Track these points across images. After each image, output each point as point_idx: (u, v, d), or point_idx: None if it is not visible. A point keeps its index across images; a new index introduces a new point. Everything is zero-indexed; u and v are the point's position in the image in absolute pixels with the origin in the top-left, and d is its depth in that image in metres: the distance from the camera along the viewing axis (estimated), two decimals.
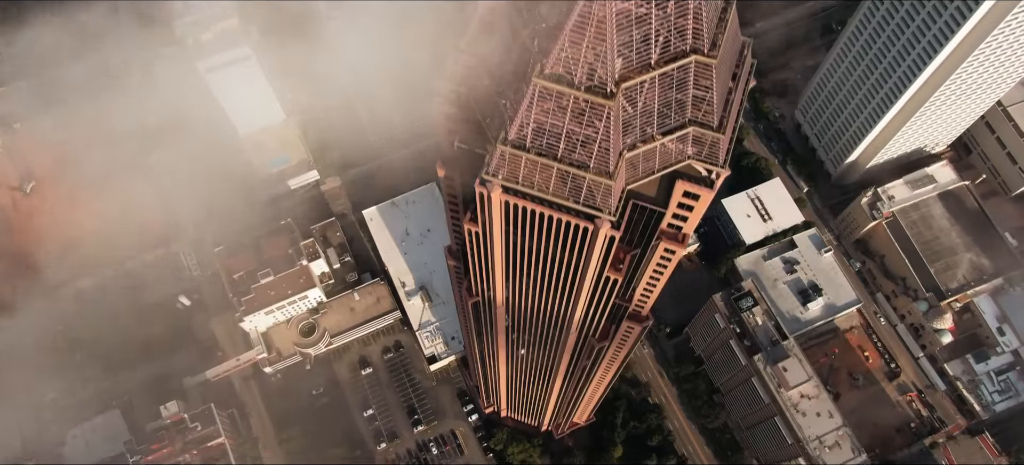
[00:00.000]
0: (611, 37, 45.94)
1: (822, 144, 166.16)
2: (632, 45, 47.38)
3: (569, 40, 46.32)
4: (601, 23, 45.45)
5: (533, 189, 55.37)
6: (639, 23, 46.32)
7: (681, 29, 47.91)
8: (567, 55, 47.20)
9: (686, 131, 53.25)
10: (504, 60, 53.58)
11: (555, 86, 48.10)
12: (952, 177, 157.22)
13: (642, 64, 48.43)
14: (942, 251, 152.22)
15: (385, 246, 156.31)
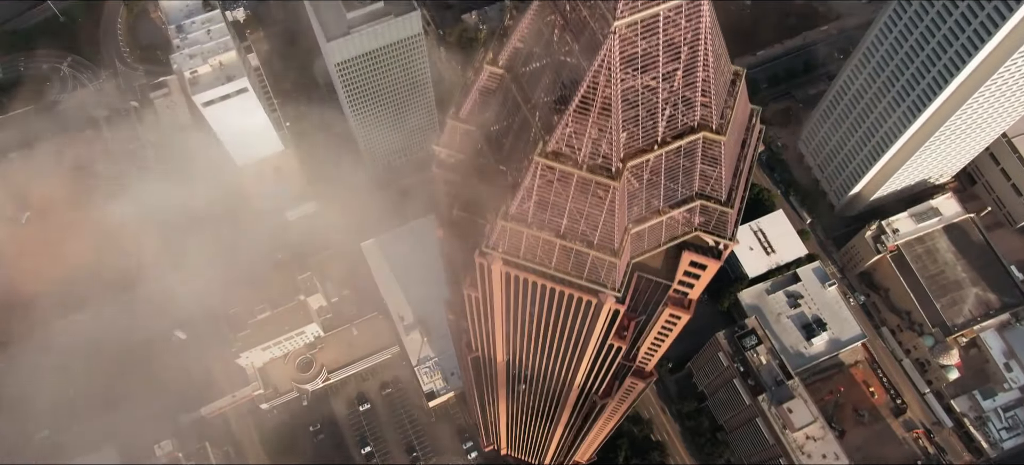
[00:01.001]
0: (617, 115, 44.25)
1: (825, 175, 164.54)
2: (638, 121, 45.69)
3: (573, 118, 44.65)
4: (606, 101, 43.79)
5: (535, 263, 53.57)
6: (646, 99, 44.64)
7: (689, 103, 46.24)
8: (570, 132, 45.52)
9: (694, 205, 51.54)
10: (505, 130, 51.97)
11: (558, 165, 46.38)
12: (957, 209, 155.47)
13: (648, 142, 46.74)
14: (948, 285, 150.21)
15: (383, 279, 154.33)
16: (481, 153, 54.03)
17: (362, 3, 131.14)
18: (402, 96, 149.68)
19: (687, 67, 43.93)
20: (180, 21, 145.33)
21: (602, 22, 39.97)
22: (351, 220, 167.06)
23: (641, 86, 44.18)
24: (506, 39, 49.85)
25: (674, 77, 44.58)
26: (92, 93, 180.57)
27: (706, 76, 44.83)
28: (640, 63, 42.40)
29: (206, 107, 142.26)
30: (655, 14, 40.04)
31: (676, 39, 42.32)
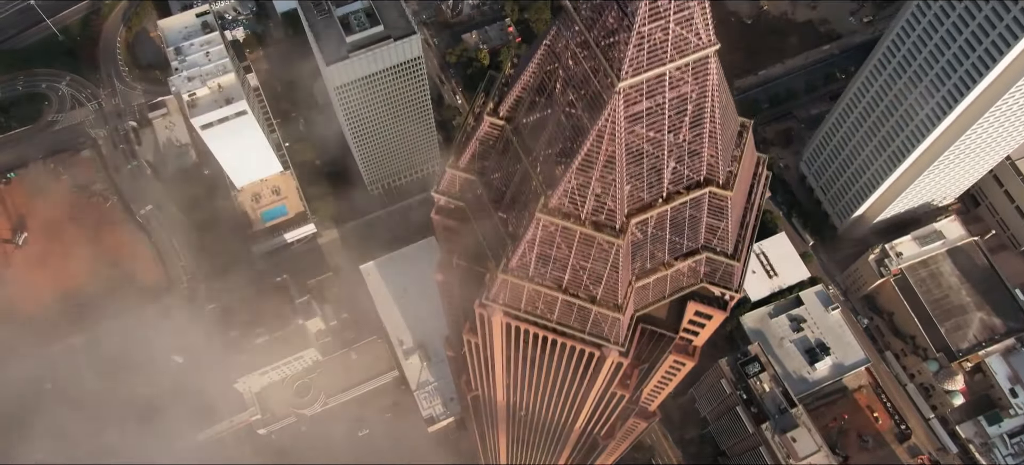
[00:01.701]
0: (621, 171, 43.06)
1: (828, 197, 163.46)
2: (643, 177, 44.47)
3: (575, 174, 43.46)
4: (610, 157, 42.60)
5: (536, 315, 52.30)
6: (651, 154, 43.43)
7: (696, 158, 45.05)
8: (573, 187, 44.32)
9: (700, 257, 50.34)
10: (505, 179, 50.79)
11: (560, 221, 45.17)
12: (961, 232, 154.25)
13: (654, 197, 45.54)
14: (952, 310, 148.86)
15: (383, 302, 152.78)
16: (481, 201, 52.83)
17: (362, 27, 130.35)
18: (402, 118, 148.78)
19: (693, 122, 42.82)
20: (178, 43, 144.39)
21: (606, 81, 38.84)
22: (350, 242, 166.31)
23: (646, 141, 43.03)
24: (507, 88, 48.74)
25: (680, 132, 43.44)
26: (90, 112, 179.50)
27: (713, 131, 43.67)
28: (645, 119, 41.29)
29: (204, 130, 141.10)
30: (661, 74, 38.94)
31: (683, 95, 41.22)
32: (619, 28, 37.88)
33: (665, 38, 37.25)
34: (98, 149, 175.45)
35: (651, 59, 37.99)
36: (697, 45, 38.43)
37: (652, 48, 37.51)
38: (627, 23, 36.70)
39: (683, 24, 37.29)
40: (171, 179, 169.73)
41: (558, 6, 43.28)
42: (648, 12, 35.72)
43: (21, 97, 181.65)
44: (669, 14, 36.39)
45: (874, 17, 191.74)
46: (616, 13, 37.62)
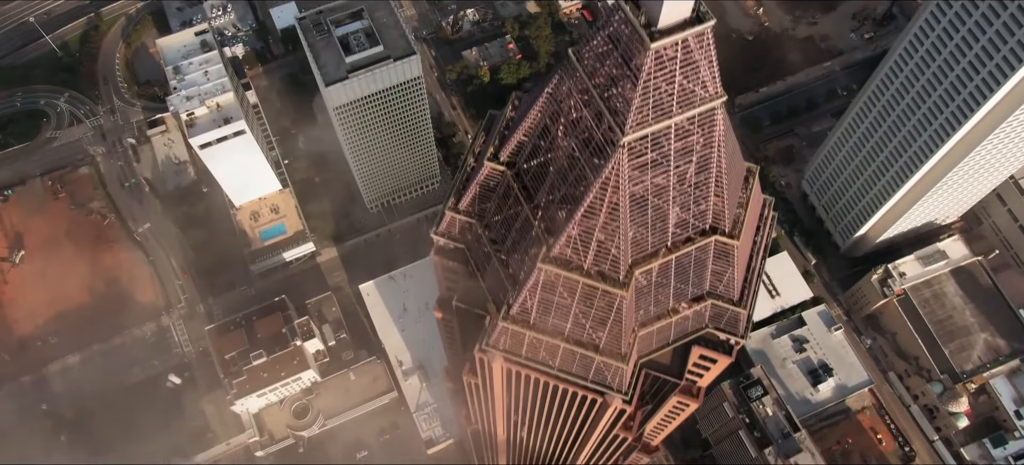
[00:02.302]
0: (625, 221, 42.05)
1: (830, 216, 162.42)
2: (648, 225, 43.47)
3: (578, 225, 42.44)
4: (614, 207, 41.57)
5: (537, 362, 51.18)
6: (656, 204, 42.42)
7: (701, 207, 44.05)
8: (576, 237, 43.29)
9: (705, 304, 49.24)
10: (506, 222, 49.76)
11: (562, 272, 44.14)
12: (964, 252, 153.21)
13: (658, 246, 44.51)
14: (956, 331, 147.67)
15: (382, 322, 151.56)
16: (481, 243, 51.78)
17: (361, 47, 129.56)
18: (402, 137, 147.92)
19: (699, 172, 41.85)
20: (177, 62, 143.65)
21: (610, 134, 37.86)
22: (349, 261, 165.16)
23: (651, 191, 42.01)
24: (508, 131, 47.77)
25: (686, 182, 42.44)
26: (89, 129, 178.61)
27: (719, 180, 42.67)
28: (650, 170, 40.30)
29: (202, 149, 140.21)
30: (667, 126, 37.96)
31: (688, 146, 40.24)
32: (623, 78, 36.94)
33: (671, 91, 36.31)
34: (96, 166, 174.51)
35: (656, 112, 37.04)
36: (703, 97, 37.49)
37: (657, 101, 36.56)
38: (631, 76, 35.75)
39: (689, 77, 36.35)
40: (170, 197, 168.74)
41: (560, 52, 42.37)
42: (653, 66, 34.78)
43: (19, 113, 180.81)
44: (675, 67, 35.45)
45: (875, 34, 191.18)
46: (620, 65, 36.67)
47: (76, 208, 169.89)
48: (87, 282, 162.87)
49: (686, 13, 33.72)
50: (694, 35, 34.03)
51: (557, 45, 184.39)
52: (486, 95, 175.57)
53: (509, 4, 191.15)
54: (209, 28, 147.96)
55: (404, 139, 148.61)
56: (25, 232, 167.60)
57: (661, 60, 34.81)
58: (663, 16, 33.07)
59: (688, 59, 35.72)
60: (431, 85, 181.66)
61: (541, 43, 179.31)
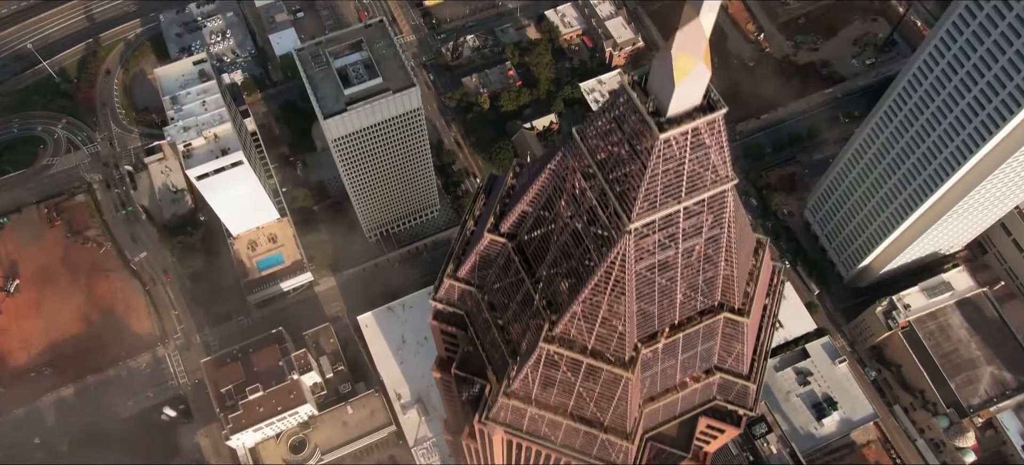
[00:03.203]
0: (630, 302, 40.44)
1: (833, 246, 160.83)
2: (654, 307, 41.87)
3: (582, 305, 40.83)
4: (620, 286, 39.98)
5: (539, 437, 49.41)
6: (663, 284, 40.85)
7: (710, 284, 42.48)
8: (580, 316, 41.68)
9: (713, 378, 47.57)
10: (507, 291, 48.14)
11: (565, 352, 42.49)
12: (969, 284, 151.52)
13: (665, 325, 42.88)
14: (962, 364, 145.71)
15: (380, 354, 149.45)
16: (481, 310, 50.11)
17: (360, 80, 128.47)
18: (401, 167, 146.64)
19: (708, 252, 40.28)
20: (175, 92, 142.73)
21: (616, 220, 36.32)
22: (348, 290, 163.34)
23: (658, 270, 40.43)
24: (509, 201, 46.23)
25: (694, 261, 40.87)
26: (86, 156, 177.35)
27: (729, 259, 41.10)
28: (657, 253, 38.74)
29: (200, 180, 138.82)
30: (675, 211, 36.44)
31: (697, 227, 38.73)
32: (630, 162, 35.47)
33: (680, 177, 34.84)
34: (93, 194, 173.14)
35: (664, 197, 35.55)
36: (714, 180, 36.03)
37: (666, 187, 35.08)
38: (639, 161, 34.28)
39: (699, 162, 34.89)
40: (166, 225, 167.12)
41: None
42: (662, 154, 33.33)
43: (16, 140, 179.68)
44: (685, 154, 34.00)
45: (876, 60, 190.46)
46: (627, 149, 35.23)
47: (72, 236, 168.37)
48: (82, 312, 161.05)
49: (697, 100, 32.28)
50: (706, 123, 32.58)
51: (557, 72, 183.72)
52: (486, 122, 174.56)
53: (509, 30, 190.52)
54: (207, 57, 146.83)
55: (403, 169, 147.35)
56: (20, 260, 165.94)
57: (670, 148, 33.33)
58: (673, 104, 31.63)
59: (698, 144, 34.26)
60: (431, 112, 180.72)
61: (541, 70, 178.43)
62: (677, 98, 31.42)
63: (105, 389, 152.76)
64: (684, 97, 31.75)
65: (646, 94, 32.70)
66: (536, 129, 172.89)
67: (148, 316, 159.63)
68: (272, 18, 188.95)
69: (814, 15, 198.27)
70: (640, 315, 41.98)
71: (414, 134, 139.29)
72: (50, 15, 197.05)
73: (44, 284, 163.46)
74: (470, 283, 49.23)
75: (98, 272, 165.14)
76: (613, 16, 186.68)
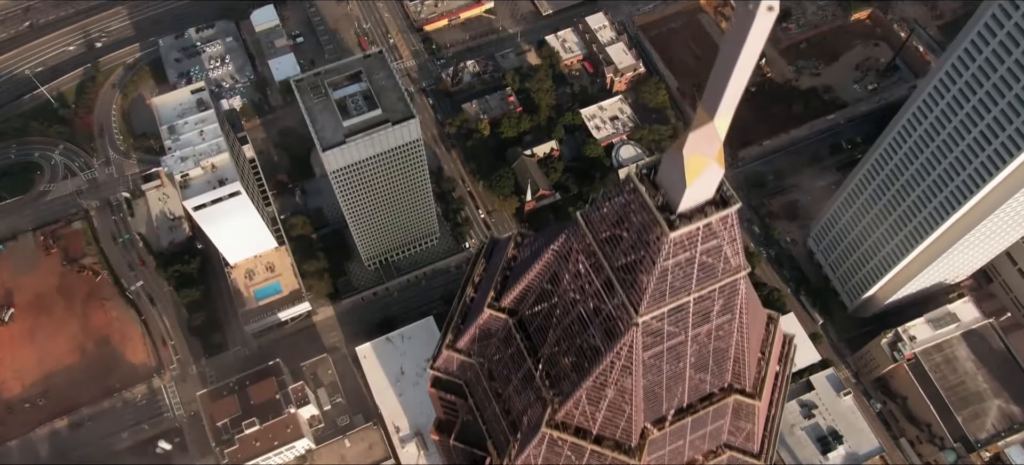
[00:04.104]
0: (637, 388, 38.76)
1: (837, 276, 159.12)
2: (662, 391, 40.20)
3: (587, 391, 39.17)
4: (626, 376, 38.32)
5: None
6: (671, 367, 39.22)
7: (720, 366, 40.83)
8: (584, 402, 40.00)
9: (722, 456, 45.82)
10: (507, 365, 46.45)
11: (569, 438, 40.79)
12: (975, 315, 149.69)
13: (673, 409, 41.21)
14: (969, 397, 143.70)
15: (379, 386, 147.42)
16: (480, 382, 48.39)
17: (359, 111, 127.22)
18: (400, 197, 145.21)
19: (718, 338, 38.63)
20: (172, 121, 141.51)
21: (623, 312, 34.71)
22: (346, 320, 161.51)
23: (667, 356, 38.78)
24: (510, 272, 44.61)
25: (704, 346, 39.23)
26: (83, 182, 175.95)
27: (739, 342, 39.44)
28: (666, 337, 37.11)
29: (197, 211, 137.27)
30: (685, 302, 34.83)
31: (707, 311, 37.12)
32: (638, 252, 33.89)
33: (690, 271, 33.26)
34: (90, 221, 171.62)
35: (674, 290, 33.95)
36: (726, 271, 34.44)
37: (676, 280, 33.49)
38: (647, 255, 32.72)
39: (711, 255, 33.32)
40: (163, 253, 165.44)
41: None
42: (672, 250, 31.77)
43: (13, 166, 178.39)
44: (696, 249, 32.44)
45: (878, 85, 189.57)
46: (634, 240, 33.66)
47: (68, 264, 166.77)
48: (78, 341, 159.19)
49: (709, 195, 30.76)
50: (719, 219, 31.04)
51: (558, 97, 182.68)
52: (486, 149, 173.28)
53: (510, 56, 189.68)
54: (205, 86, 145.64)
55: (403, 199, 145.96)
56: (15, 289, 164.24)
57: (681, 244, 31.76)
58: (684, 202, 30.10)
59: (710, 237, 32.69)
60: (430, 138, 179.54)
61: (542, 96, 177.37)
62: (688, 196, 29.90)
63: (99, 421, 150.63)
64: (696, 195, 30.24)
65: (655, 188, 31.16)
66: (537, 156, 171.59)
67: (144, 346, 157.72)
68: (271, 43, 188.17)
69: (815, 40, 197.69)
70: (647, 400, 40.27)
71: (414, 164, 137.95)
72: (49, 39, 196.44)
73: (39, 313, 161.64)
74: (469, 354, 47.48)
75: (94, 301, 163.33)
76: (614, 41, 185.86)
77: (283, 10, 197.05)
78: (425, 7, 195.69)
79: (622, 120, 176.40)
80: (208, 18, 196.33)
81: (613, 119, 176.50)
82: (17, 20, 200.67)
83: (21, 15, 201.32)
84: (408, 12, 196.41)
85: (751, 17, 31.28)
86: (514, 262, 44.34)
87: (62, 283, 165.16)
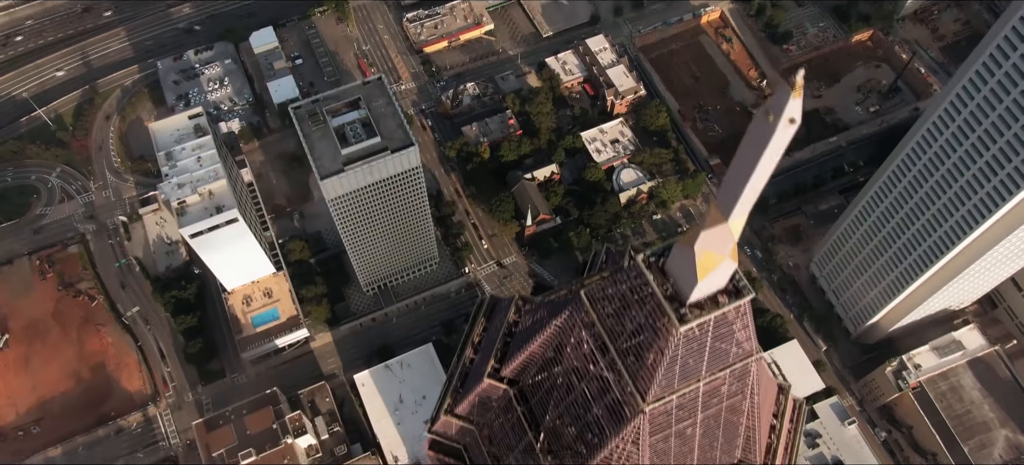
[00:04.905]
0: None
1: (840, 302, 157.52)
2: (670, 462, 38.68)
3: None
4: (631, 460, 36.80)
5: None
6: (679, 448, 37.69)
7: (730, 443, 39.29)
8: None
9: None
10: (507, 439, 44.88)
11: None
12: (981, 342, 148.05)
13: None
14: (975, 427, 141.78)
15: (377, 414, 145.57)
16: (480, 449, 46.79)
17: (358, 139, 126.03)
18: (400, 224, 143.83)
19: (729, 414, 37.10)
20: (170, 147, 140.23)
21: (631, 399, 33.19)
22: (344, 346, 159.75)
23: (675, 437, 37.24)
24: (510, 339, 43.09)
25: (713, 425, 37.71)
26: (80, 206, 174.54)
27: (751, 422, 37.92)
28: (674, 420, 35.56)
29: (193, 238, 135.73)
30: (694, 387, 33.31)
31: (718, 391, 35.61)
32: (645, 336, 32.39)
33: (701, 358, 31.75)
34: (86, 245, 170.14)
35: (684, 376, 32.47)
36: (738, 355, 32.96)
37: (685, 368, 31.99)
38: (656, 342, 31.22)
39: (722, 340, 31.83)
40: (160, 278, 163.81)
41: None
42: (682, 341, 30.28)
43: (9, 189, 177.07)
44: (707, 336, 30.95)
45: (880, 107, 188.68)
46: (642, 323, 32.17)
47: (64, 289, 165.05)
48: (72, 368, 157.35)
49: (722, 284, 29.30)
50: (732, 309, 29.57)
51: (558, 120, 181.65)
52: (486, 172, 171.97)
53: (510, 78, 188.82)
54: (203, 112, 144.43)
55: (402, 225, 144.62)
56: (10, 315, 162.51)
57: (691, 337, 30.27)
58: (695, 294, 28.64)
59: (722, 325, 31.20)
60: (430, 161, 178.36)
61: (542, 119, 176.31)
62: (699, 289, 28.46)
63: (94, 450, 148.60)
64: (707, 287, 28.80)
65: (664, 276, 29.70)
66: (537, 180, 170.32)
67: (139, 373, 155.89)
68: (271, 65, 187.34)
69: (816, 61, 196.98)
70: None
71: (413, 192, 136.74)
72: (47, 61, 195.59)
73: (34, 339, 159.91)
74: (469, 421, 45.92)
75: (89, 326, 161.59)
76: (615, 64, 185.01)
77: (282, 32, 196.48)
78: (425, 29, 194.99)
79: (623, 143, 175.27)
80: (207, 40, 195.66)
81: (614, 142, 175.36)
82: (15, 41, 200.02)
83: (21, 37, 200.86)
84: (408, 34, 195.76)
85: (771, 129, 29.95)
86: (515, 327, 42.90)
87: (57, 308, 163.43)
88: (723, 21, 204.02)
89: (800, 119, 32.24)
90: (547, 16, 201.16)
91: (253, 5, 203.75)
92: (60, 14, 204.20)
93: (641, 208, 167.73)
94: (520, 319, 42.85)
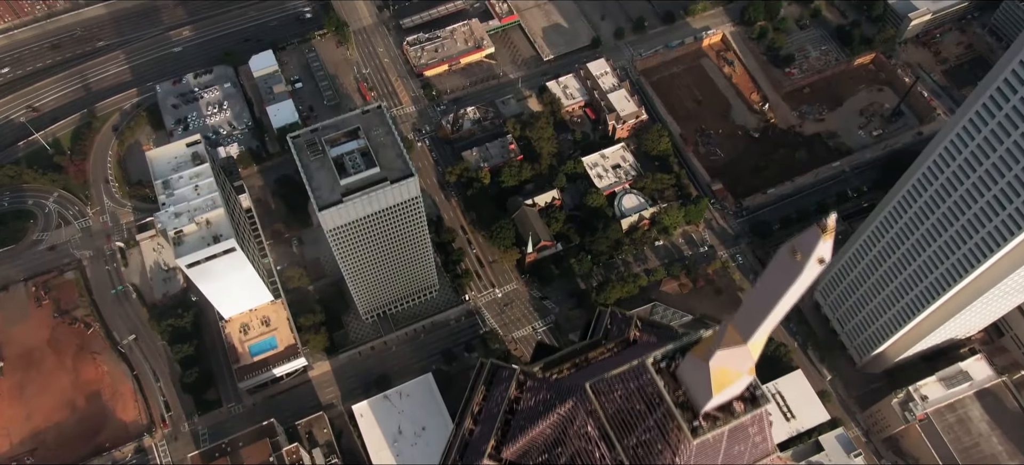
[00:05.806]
0: None
1: (845, 331, 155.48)
2: None
3: None
4: None
5: None
6: None
7: None
8: None
9: None
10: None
11: None
12: (988, 373, 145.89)
13: None
14: (983, 460, 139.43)
15: (376, 446, 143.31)
16: None
17: (357, 169, 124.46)
18: (399, 253, 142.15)
19: None
20: (167, 175, 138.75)
21: None
22: (343, 375, 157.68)
23: None
24: (511, 417, 41.31)
25: None
26: (77, 231, 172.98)
27: None
28: None
29: (190, 268, 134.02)
30: None
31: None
32: (653, 430, 30.68)
33: (715, 460, 30.01)
34: (83, 271, 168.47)
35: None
36: (753, 455, 31.22)
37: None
38: (667, 448, 29.51)
39: (739, 441, 30.11)
40: (157, 305, 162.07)
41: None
42: (694, 450, 28.57)
43: (6, 214, 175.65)
44: (721, 444, 29.22)
45: (883, 131, 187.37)
46: (652, 422, 30.47)
47: (60, 316, 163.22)
48: (67, 397, 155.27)
49: (737, 392, 27.59)
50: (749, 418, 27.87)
51: (559, 145, 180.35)
52: (487, 198, 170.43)
53: (510, 102, 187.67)
54: (201, 139, 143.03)
55: (401, 254, 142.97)
56: (5, 342, 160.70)
57: (705, 446, 28.56)
58: (709, 405, 26.93)
59: (738, 429, 29.46)
60: (430, 186, 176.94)
61: (543, 143, 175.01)
62: (714, 402, 26.77)
63: None
64: (722, 398, 27.09)
65: (676, 381, 28.00)
66: (538, 205, 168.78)
67: (135, 403, 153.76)
68: (270, 89, 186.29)
69: (819, 85, 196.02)
70: None
71: (413, 221, 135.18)
72: (45, 84, 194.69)
73: (28, 367, 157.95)
74: None
75: (85, 354, 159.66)
76: (616, 88, 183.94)
77: (282, 55, 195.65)
78: (425, 52, 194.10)
79: (624, 168, 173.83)
80: (206, 63, 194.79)
81: (615, 167, 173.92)
82: (13, 64, 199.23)
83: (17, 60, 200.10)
84: (408, 57, 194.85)
85: (798, 268, 28.41)
86: (516, 404, 41.19)
87: (53, 336, 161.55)
88: (725, 44, 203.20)
89: (829, 258, 30.89)
90: (548, 39, 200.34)
91: (252, 28, 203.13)
92: (58, 37, 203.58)
93: (643, 234, 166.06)
94: (522, 396, 41.18)
